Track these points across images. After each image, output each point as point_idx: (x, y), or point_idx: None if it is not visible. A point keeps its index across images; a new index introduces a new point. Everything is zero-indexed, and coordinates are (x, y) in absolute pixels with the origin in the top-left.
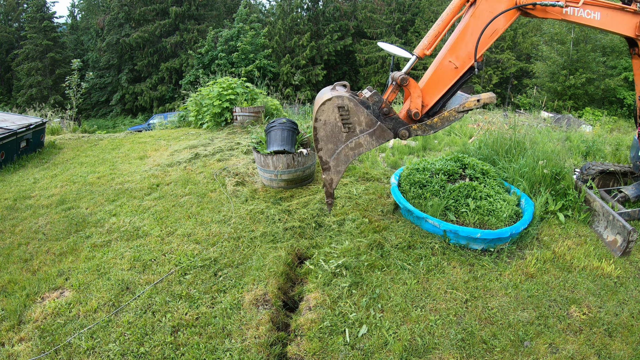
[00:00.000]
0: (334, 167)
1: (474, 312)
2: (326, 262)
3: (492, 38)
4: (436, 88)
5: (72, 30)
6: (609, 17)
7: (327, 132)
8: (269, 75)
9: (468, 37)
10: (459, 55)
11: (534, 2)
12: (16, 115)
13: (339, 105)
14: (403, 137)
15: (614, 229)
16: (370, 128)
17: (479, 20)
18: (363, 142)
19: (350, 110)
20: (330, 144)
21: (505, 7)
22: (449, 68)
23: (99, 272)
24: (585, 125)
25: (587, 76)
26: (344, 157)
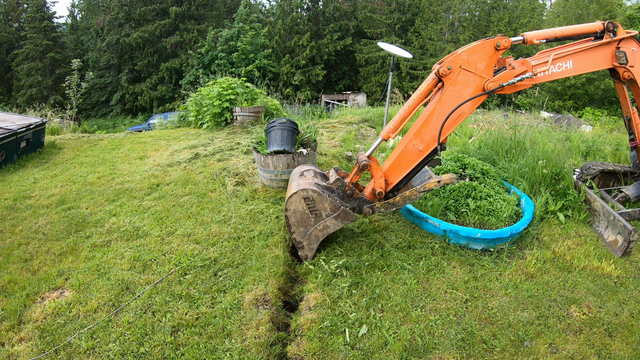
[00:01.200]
0: (307, 245)
1: (474, 312)
2: (326, 262)
3: (457, 122)
4: (400, 168)
5: (72, 30)
6: (582, 61)
7: (297, 219)
8: (269, 75)
9: (433, 122)
10: (423, 139)
11: (501, 85)
12: (16, 115)
13: (304, 196)
14: (367, 214)
15: (615, 229)
16: (334, 212)
17: (445, 105)
18: (329, 224)
19: (315, 200)
20: (301, 228)
21: (472, 92)
22: (414, 151)
23: (99, 272)
24: (585, 125)
25: (587, 76)
26: (315, 237)
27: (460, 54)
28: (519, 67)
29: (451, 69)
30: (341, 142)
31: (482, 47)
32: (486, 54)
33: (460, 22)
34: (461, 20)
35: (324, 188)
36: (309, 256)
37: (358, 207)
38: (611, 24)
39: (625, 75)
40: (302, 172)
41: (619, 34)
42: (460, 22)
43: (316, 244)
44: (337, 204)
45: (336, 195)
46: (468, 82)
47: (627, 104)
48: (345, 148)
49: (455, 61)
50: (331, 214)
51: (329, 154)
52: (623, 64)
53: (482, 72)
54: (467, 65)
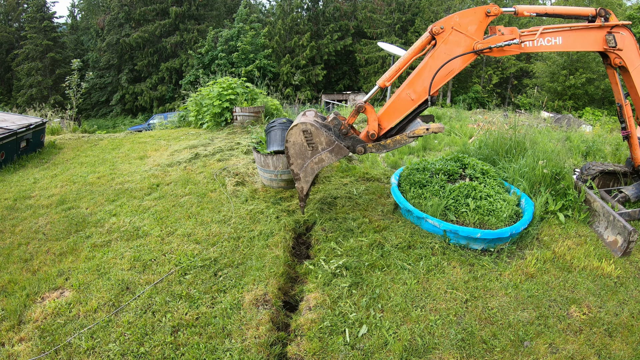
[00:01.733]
0: (303, 177)
1: (474, 312)
2: (326, 262)
3: (447, 77)
4: (393, 115)
5: (72, 30)
6: (572, 39)
7: (296, 150)
8: (269, 75)
9: (425, 75)
10: (415, 89)
11: (489, 46)
12: (16, 115)
13: (303, 129)
14: (359, 153)
15: (615, 229)
16: (329, 146)
17: (437, 60)
18: (324, 158)
19: (313, 133)
20: (299, 159)
21: (462, 50)
22: (407, 99)
23: (99, 272)
24: (585, 125)
25: (587, 76)
26: (310, 169)
27: (452, 16)
28: (508, 34)
29: (444, 29)
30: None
31: (474, 12)
32: (477, 18)
33: None
34: None
35: (322, 125)
36: (304, 188)
37: (352, 145)
38: (603, 10)
39: (617, 62)
40: (304, 113)
41: (611, 21)
42: None
43: (311, 176)
44: (333, 138)
45: (332, 133)
46: (459, 41)
47: (618, 91)
48: None
49: (447, 22)
50: (326, 147)
51: None
52: (612, 46)
53: (472, 34)
54: (459, 27)
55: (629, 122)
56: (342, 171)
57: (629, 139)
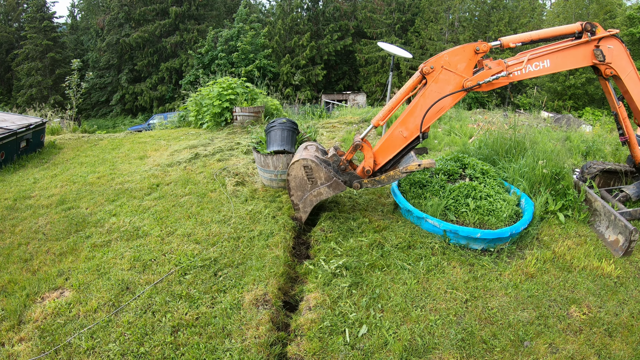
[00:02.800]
0: (302, 208)
1: (474, 312)
2: (326, 262)
3: (438, 114)
4: (387, 151)
5: (72, 30)
6: (559, 60)
7: (296, 183)
8: (269, 75)
9: (417, 113)
10: (407, 127)
11: (478, 83)
12: (16, 115)
13: (304, 165)
14: (355, 188)
15: (616, 229)
16: (328, 182)
17: (428, 99)
18: (322, 192)
19: (313, 169)
20: (299, 192)
21: (452, 89)
22: (399, 137)
23: (99, 272)
24: (585, 125)
25: (587, 76)
26: (309, 201)
27: (442, 55)
28: (495, 67)
29: (434, 68)
30: (341, 142)
31: (463, 50)
32: (466, 57)
33: (460, 22)
34: (461, 20)
35: (322, 160)
36: (303, 218)
37: (349, 180)
38: (589, 25)
39: (607, 72)
40: (306, 147)
41: (598, 34)
42: (460, 22)
43: (310, 207)
44: (331, 175)
45: (332, 168)
46: (449, 80)
47: (612, 100)
48: (345, 148)
49: (437, 61)
50: (325, 182)
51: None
52: (601, 61)
53: (462, 72)
54: (449, 66)
55: (625, 123)
56: None
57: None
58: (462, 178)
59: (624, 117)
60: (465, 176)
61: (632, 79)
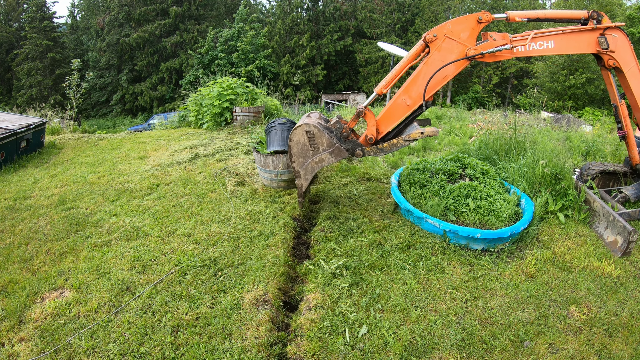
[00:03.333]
0: (303, 175)
1: (474, 312)
2: (326, 262)
3: (441, 83)
4: (390, 119)
5: (72, 30)
6: (564, 42)
7: (298, 149)
8: (269, 75)
9: (420, 81)
10: (411, 95)
11: (481, 52)
12: (16, 115)
13: (307, 130)
14: (358, 156)
15: (615, 230)
16: (330, 148)
17: (431, 67)
18: (324, 158)
19: (315, 135)
20: (301, 158)
21: (455, 57)
22: (402, 105)
23: (99, 272)
24: (585, 125)
25: (587, 76)
26: (311, 168)
27: (445, 24)
28: (499, 40)
29: (437, 37)
30: None
31: (466, 20)
32: (469, 26)
33: None
34: None
35: (325, 127)
36: (304, 185)
37: (351, 148)
38: (595, 13)
39: (610, 63)
40: (309, 114)
41: (604, 23)
42: None
43: (311, 174)
44: (334, 141)
45: (334, 135)
46: (452, 48)
47: (613, 91)
48: None
49: (440, 30)
50: (327, 149)
51: None
52: (605, 48)
53: (464, 40)
54: (452, 34)
55: (625, 121)
56: (342, 171)
57: (626, 138)
58: (462, 178)
59: (624, 115)
60: (465, 176)
61: (634, 74)
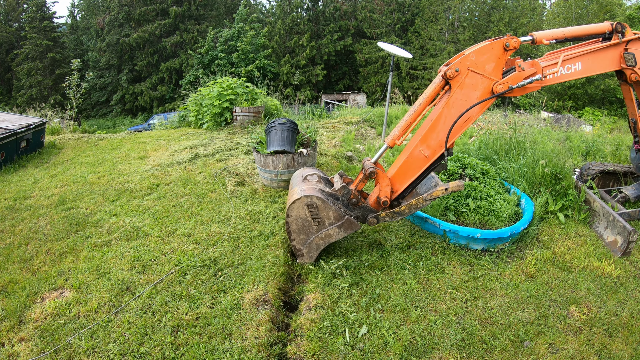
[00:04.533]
0: (306, 253)
1: (474, 312)
2: (326, 262)
3: (465, 126)
4: (406, 175)
5: (72, 30)
6: (590, 63)
7: (298, 226)
8: (269, 75)
9: (440, 127)
10: (429, 145)
11: (510, 87)
12: (16, 115)
13: (308, 203)
14: (371, 224)
15: (615, 230)
16: (338, 221)
17: (452, 109)
18: (332, 233)
19: (319, 207)
20: (302, 235)
21: (480, 95)
22: (420, 157)
23: (99, 272)
24: (585, 125)
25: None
26: (315, 245)
27: (468, 55)
28: (529, 69)
29: (459, 71)
30: (341, 142)
31: (491, 48)
32: (495, 55)
33: (460, 22)
34: (461, 20)
35: (329, 195)
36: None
37: (362, 216)
38: (620, 25)
39: (633, 77)
40: (305, 177)
41: (627, 35)
42: (460, 22)
43: (316, 252)
44: (342, 212)
45: (340, 203)
46: (476, 84)
47: (633, 107)
48: (345, 148)
49: (463, 63)
50: (335, 222)
51: (329, 154)
52: (631, 65)
53: (490, 73)
54: (475, 67)
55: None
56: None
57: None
58: (462, 178)
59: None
60: (465, 176)
61: None
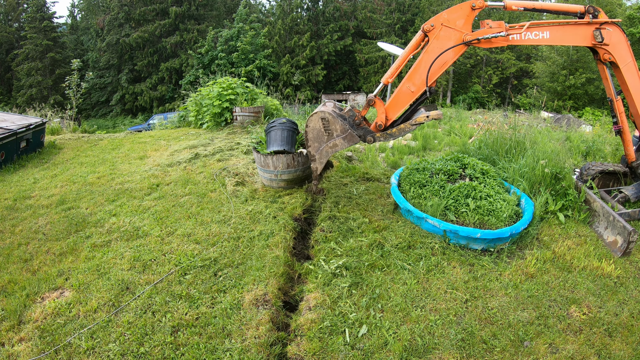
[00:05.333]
0: (318, 159)
1: (474, 312)
2: (326, 262)
3: (442, 68)
4: (397, 106)
5: (72, 30)
6: (559, 34)
7: (314, 135)
8: (269, 75)
9: (422, 68)
10: (414, 82)
11: (477, 38)
12: (16, 115)
13: (322, 117)
14: (369, 142)
15: (615, 230)
16: (343, 134)
17: (431, 54)
18: (338, 143)
19: (330, 121)
20: (316, 143)
21: (453, 43)
22: (407, 92)
23: (99, 272)
24: (585, 125)
25: (587, 76)
26: (325, 152)
27: (441, 14)
28: (495, 27)
29: (434, 26)
30: None
31: (460, 8)
32: (464, 13)
33: None
34: None
35: (339, 114)
36: (318, 168)
37: (363, 135)
38: (592, 8)
39: (606, 57)
40: (324, 103)
41: (600, 18)
42: None
43: (325, 158)
44: (347, 127)
45: (347, 122)
46: (449, 36)
47: (608, 85)
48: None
49: (437, 19)
50: (340, 134)
51: None
52: (599, 42)
53: (461, 27)
54: (448, 22)
55: (621, 117)
56: (342, 171)
57: (621, 134)
58: (462, 178)
59: (620, 111)
60: (465, 176)
61: (629, 70)
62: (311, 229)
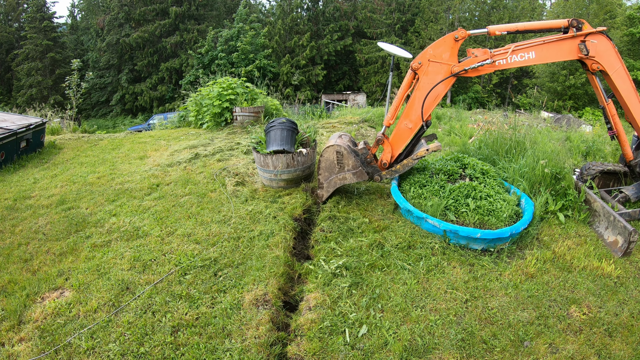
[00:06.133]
0: (325, 187)
1: (474, 312)
2: (326, 262)
3: (435, 102)
4: (398, 144)
5: (72, 30)
6: (544, 52)
7: (327, 165)
8: (269, 75)
9: (416, 105)
10: (411, 119)
11: (464, 68)
12: (16, 115)
13: (337, 150)
14: (376, 181)
15: (615, 230)
16: (354, 169)
17: (422, 91)
18: (347, 177)
19: (344, 155)
20: (327, 173)
21: (442, 77)
22: (405, 129)
23: (99, 272)
24: (585, 125)
25: (587, 76)
26: (334, 183)
27: (426, 50)
28: (481, 55)
29: (422, 64)
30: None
31: (444, 42)
32: (448, 46)
33: (460, 22)
34: (461, 20)
35: (352, 150)
36: (324, 196)
37: (371, 173)
38: (575, 21)
39: (594, 67)
40: (340, 135)
41: (585, 30)
42: (460, 22)
43: (333, 188)
44: (358, 164)
45: (359, 159)
46: (437, 70)
47: (600, 94)
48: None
49: (423, 56)
50: (351, 169)
51: None
52: (585, 55)
53: (447, 60)
54: (434, 57)
55: (614, 120)
56: None
57: (617, 137)
58: (462, 178)
59: (612, 114)
60: (465, 176)
61: (619, 76)
62: (311, 229)
